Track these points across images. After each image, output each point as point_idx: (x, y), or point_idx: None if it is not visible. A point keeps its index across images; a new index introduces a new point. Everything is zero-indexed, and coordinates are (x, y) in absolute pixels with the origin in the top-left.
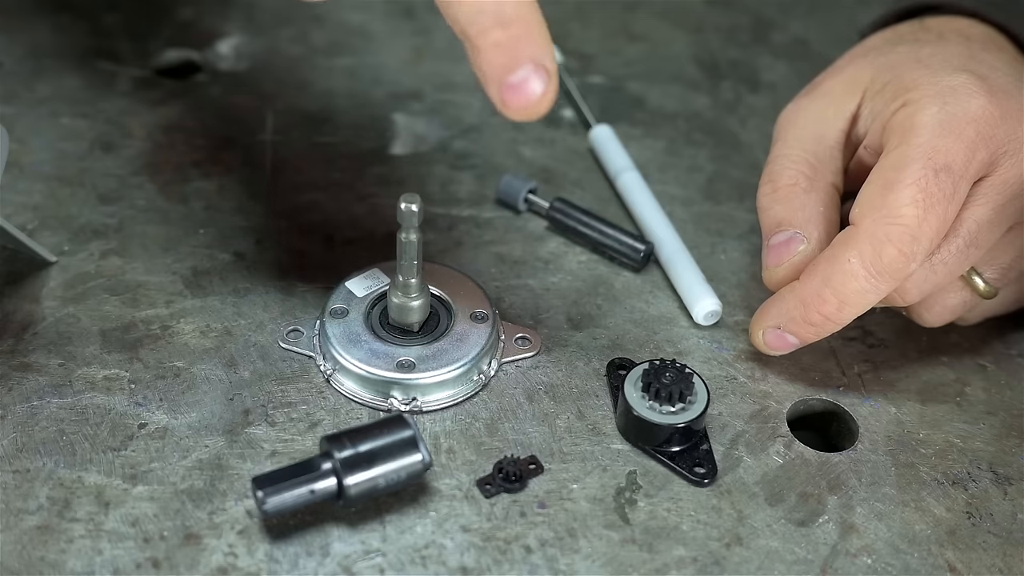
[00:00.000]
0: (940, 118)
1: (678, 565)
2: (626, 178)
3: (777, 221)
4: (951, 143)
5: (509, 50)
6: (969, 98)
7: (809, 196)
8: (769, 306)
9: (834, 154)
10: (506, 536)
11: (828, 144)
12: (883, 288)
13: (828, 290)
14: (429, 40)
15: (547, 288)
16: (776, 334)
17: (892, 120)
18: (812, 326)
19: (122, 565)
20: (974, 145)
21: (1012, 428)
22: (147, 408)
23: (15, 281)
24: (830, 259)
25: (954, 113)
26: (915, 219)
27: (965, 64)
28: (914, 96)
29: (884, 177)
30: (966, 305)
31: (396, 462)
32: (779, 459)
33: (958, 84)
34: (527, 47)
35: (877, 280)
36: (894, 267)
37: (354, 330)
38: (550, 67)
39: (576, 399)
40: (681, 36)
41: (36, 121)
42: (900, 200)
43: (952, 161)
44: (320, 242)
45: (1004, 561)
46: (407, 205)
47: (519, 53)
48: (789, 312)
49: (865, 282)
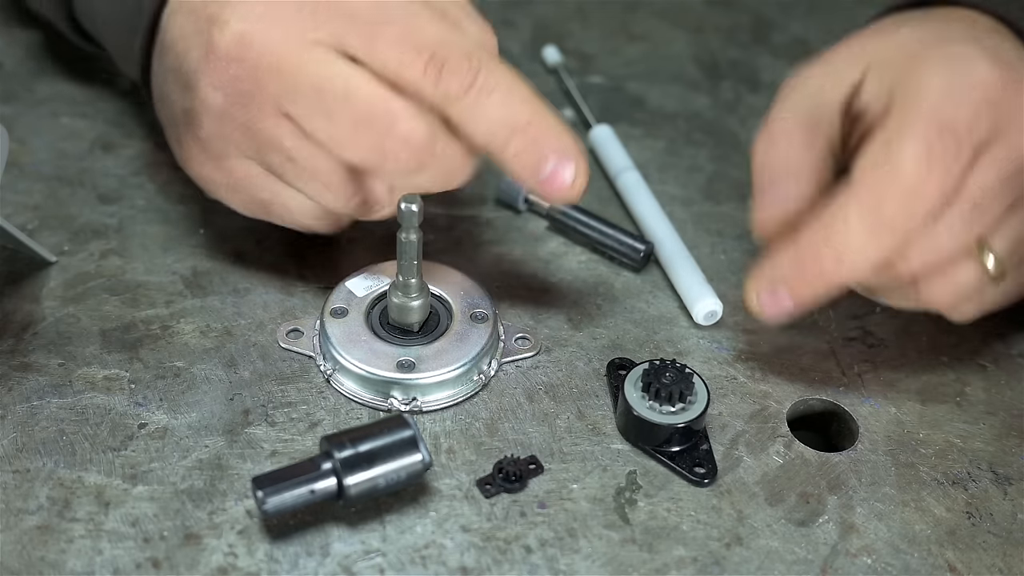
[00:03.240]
0: (946, 81)
1: (678, 565)
2: (626, 178)
3: (770, 170)
4: (957, 105)
5: (532, 153)
6: (976, 63)
7: (804, 150)
8: (764, 265)
9: (833, 119)
10: (506, 536)
11: (828, 108)
12: (883, 244)
13: (826, 245)
14: None
15: (547, 288)
16: (771, 296)
17: (897, 85)
18: (808, 284)
19: (122, 565)
20: (979, 109)
21: (1012, 428)
22: (147, 408)
23: (15, 281)
24: (829, 213)
25: (961, 77)
26: (917, 175)
27: (971, 38)
28: (920, 62)
29: (887, 134)
30: (973, 285)
31: (396, 462)
32: (779, 459)
33: (965, 51)
34: (547, 144)
35: (876, 235)
36: (894, 222)
37: (354, 330)
38: (573, 153)
39: (576, 399)
40: (681, 36)
41: (36, 121)
42: (903, 154)
43: (957, 123)
44: (320, 242)
45: (1004, 561)
46: (407, 205)
47: (541, 152)
48: (785, 269)
49: (864, 237)
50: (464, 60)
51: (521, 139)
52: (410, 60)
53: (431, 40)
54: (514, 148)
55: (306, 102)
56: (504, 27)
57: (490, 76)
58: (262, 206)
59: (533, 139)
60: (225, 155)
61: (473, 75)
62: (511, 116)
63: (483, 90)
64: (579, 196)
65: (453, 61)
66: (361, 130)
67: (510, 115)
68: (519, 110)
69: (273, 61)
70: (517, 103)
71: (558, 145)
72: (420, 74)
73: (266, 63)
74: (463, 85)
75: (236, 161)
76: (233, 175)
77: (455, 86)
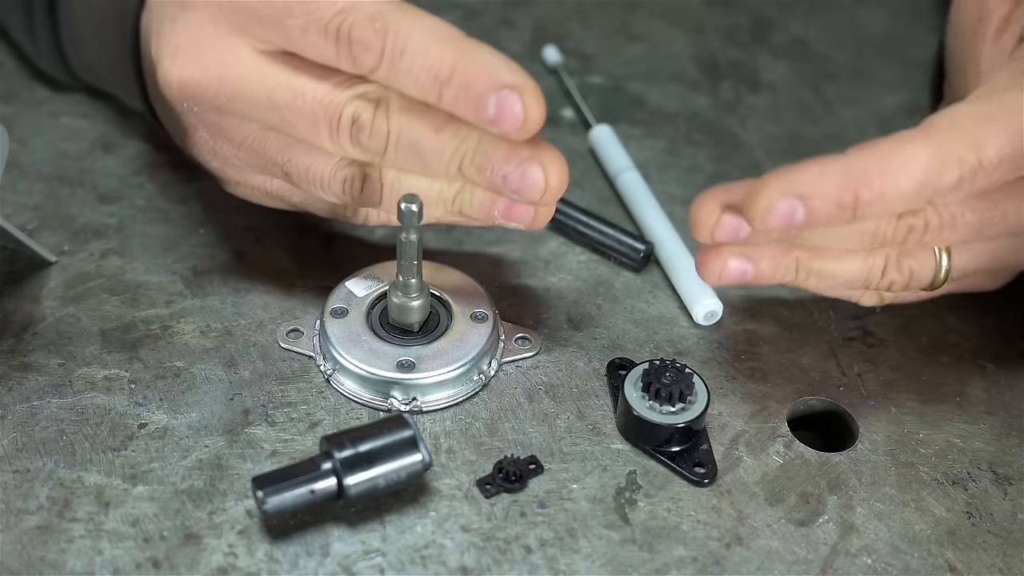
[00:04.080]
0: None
1: (678, 565)
2: (626, 178)
3: None
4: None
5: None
6: None
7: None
8: (801, 170)
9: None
10: (506, 536)
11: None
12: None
13: (877, 175)
14: None
15: (547, 288)
16: (786, 207)
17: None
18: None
19: (122, 565)
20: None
21: (1012, 428)
22: (147, 408)
23: (15, 281)
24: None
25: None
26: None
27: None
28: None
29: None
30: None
31: (396, 462)
32: (779, 459)
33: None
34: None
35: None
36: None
37: (354, 330)
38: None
39: (576, 399)
40: (681, 36)
41: (36, 121)
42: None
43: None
44: (320, 242)
45: (1004, 561)
46: (407, 205)
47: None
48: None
49: (912, 187)
50: (367, 26)
51: (450, 89)
52: (322, 45)
53: (329, 14)
54: (448, 100)
55: (269, 116)
56: (504, 27)
57: (398, 35)
58: (299, 206)
59: (463, 84)
60: (240, 178)
61: (381, 40)
62: (432, 68)
63: (394, 54)
64: (538, 124)
65: (356, 31)
66: (318, 124)
67: (431, 67)
68: (439, 59)
69: (222, 89)
70: (435, 52)
71: (492, 80)
72: (335, 57)
73: (217, 93)
74: (375, 56)
75: (253, 179)
76: (259, 189)
77: (368, 60)
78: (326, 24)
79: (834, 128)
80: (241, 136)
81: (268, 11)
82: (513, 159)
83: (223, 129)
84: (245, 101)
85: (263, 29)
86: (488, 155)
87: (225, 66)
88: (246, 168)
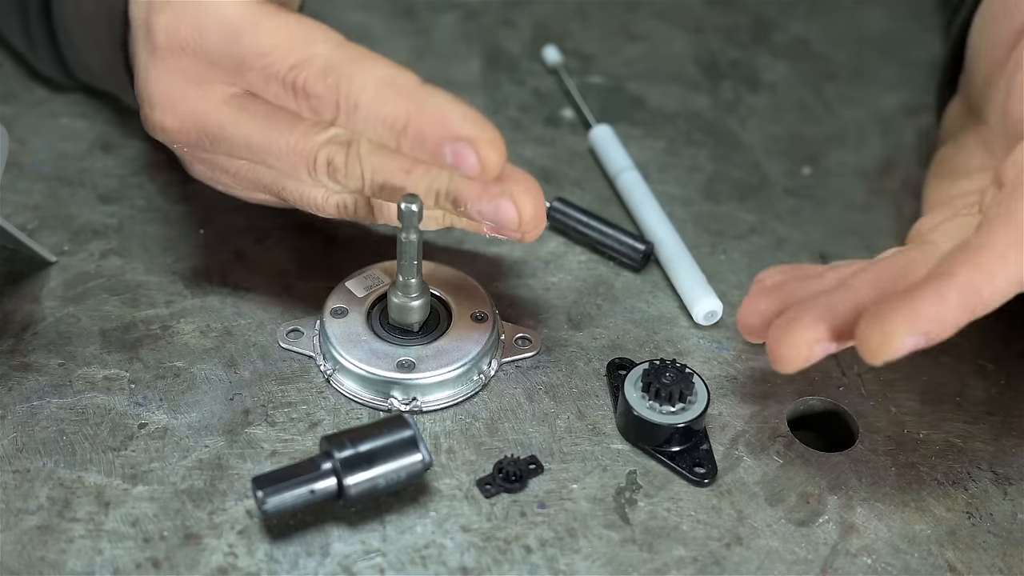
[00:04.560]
0: None
1: (678, 565)
2: (626, 178)
3: None
4: None
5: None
6: None
7: None
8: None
9: None
10: (506, 536)
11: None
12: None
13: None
14: (429, 40)
15: (547, 288)
16: (914, 342)
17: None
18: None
19: (122, 565)
20: None
21: (1012, 428)
22: (147, 408)
23: (15, 281)
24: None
25: None
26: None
27: None
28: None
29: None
30: None
31: (396, 462)
32: (779, 459)
33: None
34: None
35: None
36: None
37: (354, 330)
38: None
39: (576, 399)
40: (681, 36)
41: (36, 121)
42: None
43: None
44: (320, 242)
45: (1004, 561)
46: (407, 205)
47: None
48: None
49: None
50: (320, 81)
51: (407, 139)
52: (283, 96)
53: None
54: (407, 148)
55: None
56: (504, 27)
57: (351, 88)
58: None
59: (417, 135)
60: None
61: (334, 95)
62: (387, 120)
63: (349, 108)
64: (497, 169)
65: (311, 86)
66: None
67: (385, 119)
68: (392, 111)
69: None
70: (389, 105)
71: (445, 131)
72: (296, 108)
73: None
74: (331, 110)
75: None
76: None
77: (326, 113)
78: (282, 78)
79: (834, 128)
80: (235, 168)
81: (228, 63)
82: (484, 196)
83: (216, 163)
84: (226, 144)
85: (228, 76)
86: (460, 192)
87: (201, 114)
88: (248, 190)
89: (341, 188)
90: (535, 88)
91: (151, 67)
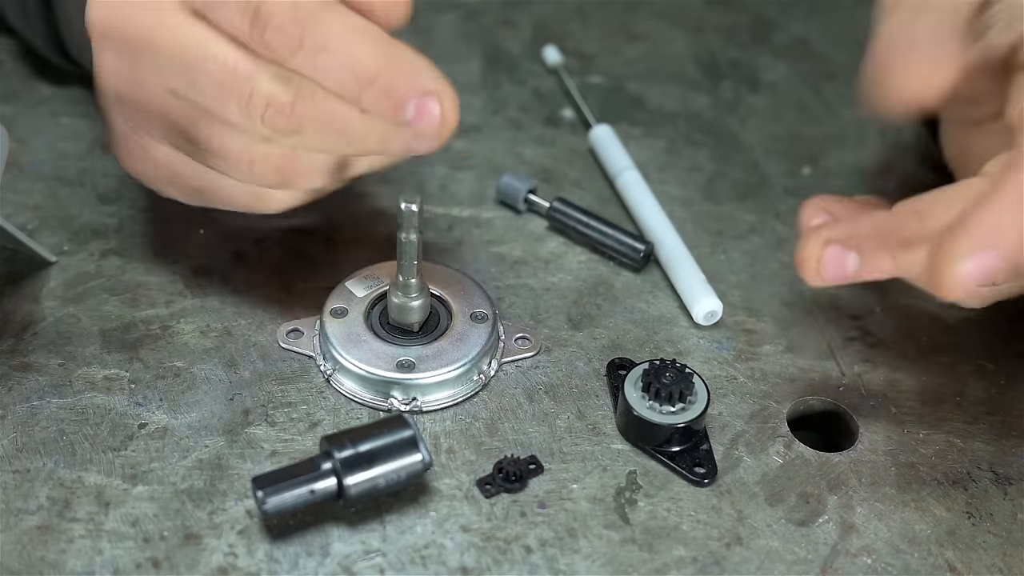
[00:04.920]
0: None
1: (678, 565)
2: (626, 178)
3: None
4: None
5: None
6: None
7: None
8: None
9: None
10: (506, 536)
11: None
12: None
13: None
14: (429, 40)
15: (547, 288)
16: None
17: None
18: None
19: (122, 565)
20: None
21: (1012, 428)
22: (147, 408)
23: (15, 281)
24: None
25: None
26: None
27: None
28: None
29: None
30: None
31: (396, 462)
32: (779, 459)
33: None
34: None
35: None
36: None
37: (354, 330)
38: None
39: (576, 399)
40: (681, 36)
41: (36, 121)
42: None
43: None
44: (320, 242)
45: (1004, 561)
46: (407, 205)
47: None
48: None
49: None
50: (288, 12)
51: (372, 91)
52: (238, 19)
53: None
54: (367, 101)
55: (176, 74)
56: (504, 27)
57: (319, 32)
58: (199, 193)
59: (385, 87)
60: (144, 145)
61: (300, 31)
62: (356, 68)
63: (315, 47)
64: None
65: (276, 19)
66: (227, 95)
67: (354, 67)
68: (363, 59)
69: (138, 34)
70: (359, 54)
71: (415, 85)
72: (247, 36)
73: (133, 38)
74: (290, 45)
75: (156, 150)
76: (160, 165)
77: (281, 48)
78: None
79: (834, 128)
80: (150, 94)
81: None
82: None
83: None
84: (160, 50)
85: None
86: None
87: (145, 8)
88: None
89: (269, 136)
90: (535, 88)
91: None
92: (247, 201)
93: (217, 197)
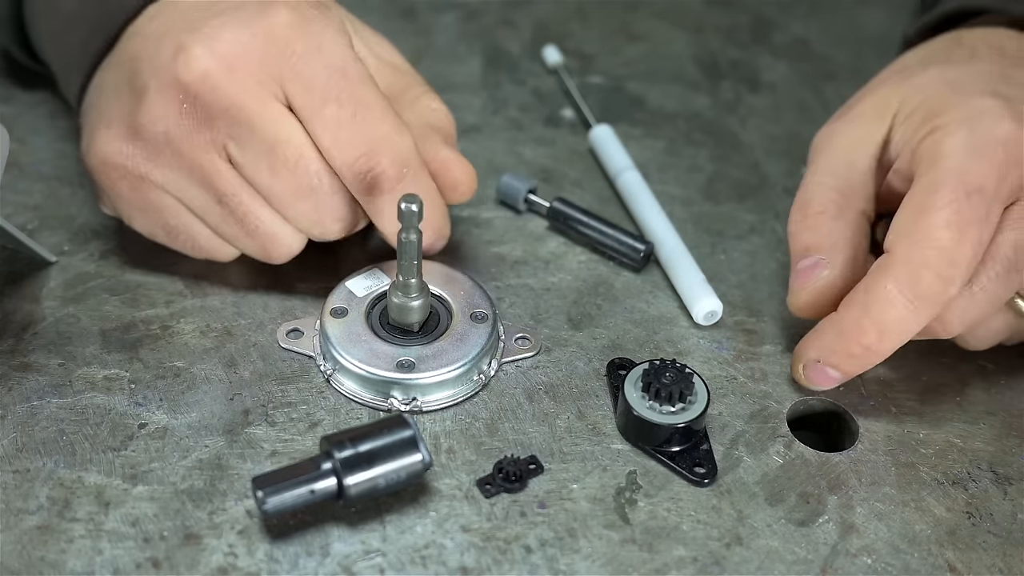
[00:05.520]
0: (969, 142)
1: (678, 565)
2: (626, 178)
3: (804, 246)
4: (981, 165)
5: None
6: (997, 121)
7: (837, 223)
8: (808, 339)
9: (865, 180)
10: (506, 536)
11: (859, 170)
12: (923, 315)
13: (867, 319)
14: (429, 40)
15: (547, 288)
16: (817, 368)
17: (921, 146)
18: (852, 358)
19: (122, 565)
20: (1005, 167)
21: (1012, 428)
22: (147, 408)
23: (15, 281)
24: (867, 287)
25: (983, 136)
26: (950, 242)
27: (995, 86)
28: (942, 121)
29: (916, 202)
30: (1011, 328)
31: (396, 462)
32: (779, 459)
33: (986, 108)
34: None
35: (916, 306)
36: (932, 291)
37: (354, 330)
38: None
39: (576, 399)
40: (681, 36)
41: (36, 121)
42: (934, 224)
43: (984, 183)
44: (320, 242)
45: (1004, 561)
46: (407, 205)
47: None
48: (829, 344)
49: (904, 309)
50: (394, 166)
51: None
52: (346, 149)
53: (368, 136)
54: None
55: (255, 156)
56: (504, 27)
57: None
58: (167, 232)
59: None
60: (148, 177)
61: (396, 183)
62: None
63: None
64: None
65: (383, 165)
66: (303, 198)
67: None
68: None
69: (230, 106)
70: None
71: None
72: (349, 166)
73: (223, 106)
74: (386, 189)
75: (156, 189)
76: (148, 198)
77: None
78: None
79: None
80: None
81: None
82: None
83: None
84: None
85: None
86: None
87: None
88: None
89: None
90: (535, 88)
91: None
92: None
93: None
